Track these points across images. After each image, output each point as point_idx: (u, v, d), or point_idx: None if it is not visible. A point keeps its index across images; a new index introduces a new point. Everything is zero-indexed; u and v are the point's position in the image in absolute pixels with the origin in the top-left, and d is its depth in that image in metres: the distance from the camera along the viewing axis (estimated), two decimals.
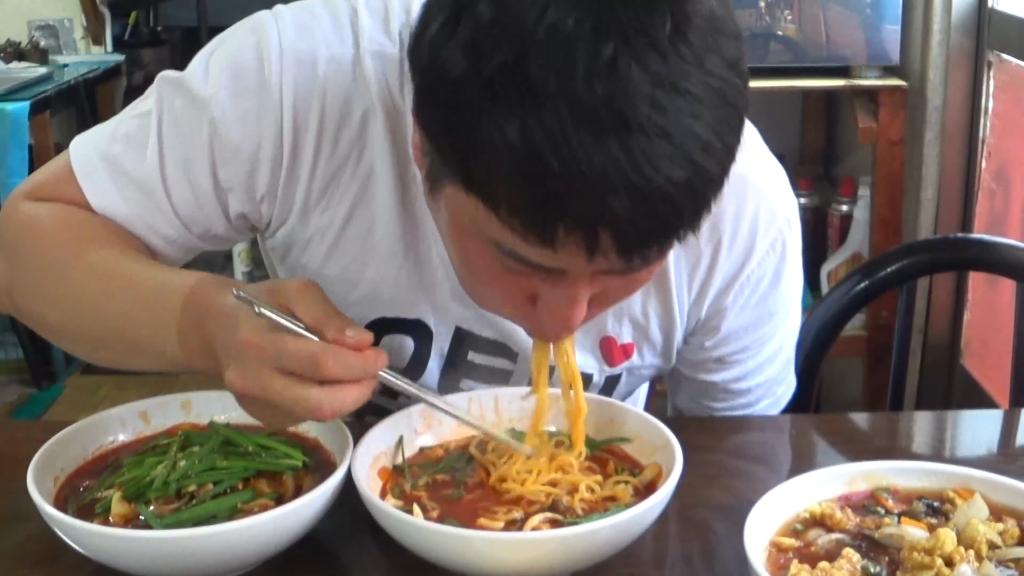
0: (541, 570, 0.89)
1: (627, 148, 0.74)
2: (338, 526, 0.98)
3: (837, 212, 2.90)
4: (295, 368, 0.83)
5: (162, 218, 1.07)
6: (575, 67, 0.73)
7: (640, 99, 0.74)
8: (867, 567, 0.87)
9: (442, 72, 0.78)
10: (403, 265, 1.09)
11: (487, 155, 0.76)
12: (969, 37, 2.54)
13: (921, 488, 0.97)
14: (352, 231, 1.08)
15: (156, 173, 1.05)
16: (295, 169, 1.04)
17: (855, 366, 2.86)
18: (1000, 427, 1.29)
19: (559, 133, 0.74)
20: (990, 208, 2.56)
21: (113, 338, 1.02)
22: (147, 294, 0.97)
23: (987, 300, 2.60)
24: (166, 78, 1.07)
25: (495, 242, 0.83)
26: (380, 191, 1.06)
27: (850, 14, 2.64)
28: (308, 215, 1.07)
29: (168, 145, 1.05)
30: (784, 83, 2.60)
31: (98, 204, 1.06)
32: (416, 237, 1.08)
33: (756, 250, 1.11)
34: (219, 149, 1.04)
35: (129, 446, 1.05)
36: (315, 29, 1.04)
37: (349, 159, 1.05)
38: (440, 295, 1.11)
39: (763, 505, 0.92)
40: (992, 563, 0.87)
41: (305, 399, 0.83)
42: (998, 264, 1.47)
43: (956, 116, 2.58)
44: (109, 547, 0.89)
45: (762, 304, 1.15)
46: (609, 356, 1.16)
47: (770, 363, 1.21)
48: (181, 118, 1.05)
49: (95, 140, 1.09)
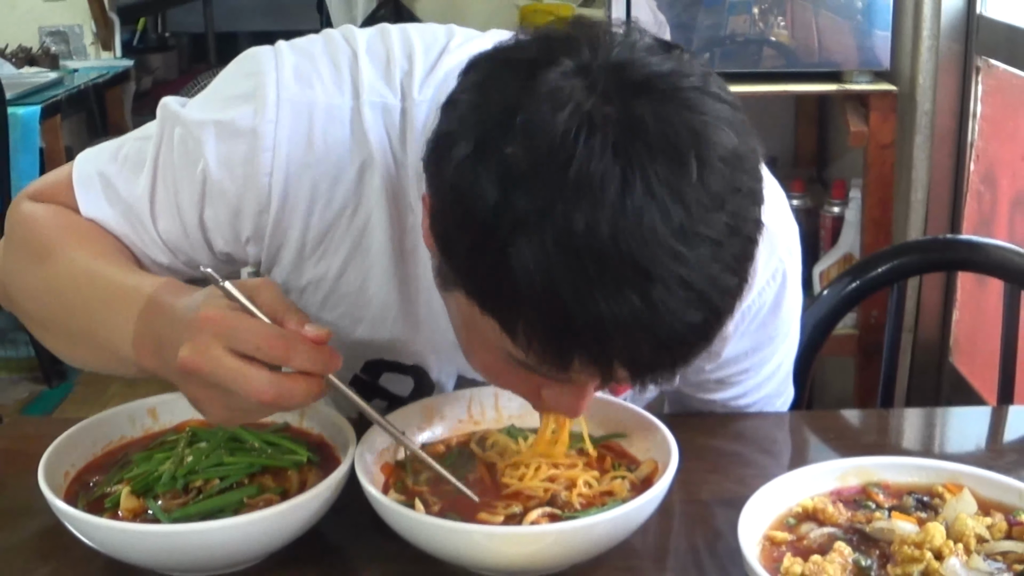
0: (540, 563, 0.89)
1: (647, 300, 0.74)
2: (342, 520, 0.97)
3: (829, 213, 2.90)
4: (249, 349, 0.81)
5: (149, 240, 1.06)
6: (600, 220, 0.72)
7: (663, 252, 0.73)
8: (858, 560, 0.87)
9: (469, 200, 0.76)
10: (399, 318, 1.07)
11: (509, 287, 0.75)
12: (958, 43, 2.54)
13: (911, 483, 0.97)
14: (347, 284, 1.06)
15: (146, 199, 1.04)
16: (284, 218, 1.02)
17: (847, 364, 2.86)
18: (988, 424, 1.29)
19: (582, 281, 0.73)
20: (978, 210, 2.56)
21: (79, 334, 1.00)
22: (112, 292, 0.95)
23: (975, 300, 2.60)
24: (168, 107, 1.05)
25: (508, 352, 0.82)
26: (375, 245, 1.04)
27: (841, 21, 2.64)
28: (302, 265, 1.05)
29: (162, 174, 1.04)
30: (777, 88, 2.60)
31: (88, 216, 1.06)
32: (412, 291, 1.06)
33: (756, 282, 1.09)
34: (208, 187, 1.02)
35: (137, 442, 1.05)
36: (314, 79, 1.01)
37: (344, 212, 1.03)
38: (440, 345, 1.08)
39: (757, 500, 0.92)
40: (980, 556, 0.87)
41: (252, 379, 0.81)
42: (986, 264, 1.47)
43: (945, 120, 2.58)
44: (118, 541, 0.89)
45: (762, 329, 1.14)
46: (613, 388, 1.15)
47: (769, 380, 1.21)
48: (177, 149, 1.03)
49: (98, 156, 1.09)
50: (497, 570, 0.90)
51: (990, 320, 2.38)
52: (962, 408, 1.89)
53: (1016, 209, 2.37)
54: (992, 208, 2.49)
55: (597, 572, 0.91)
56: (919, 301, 2.67)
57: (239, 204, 1.02)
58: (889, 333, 1.53)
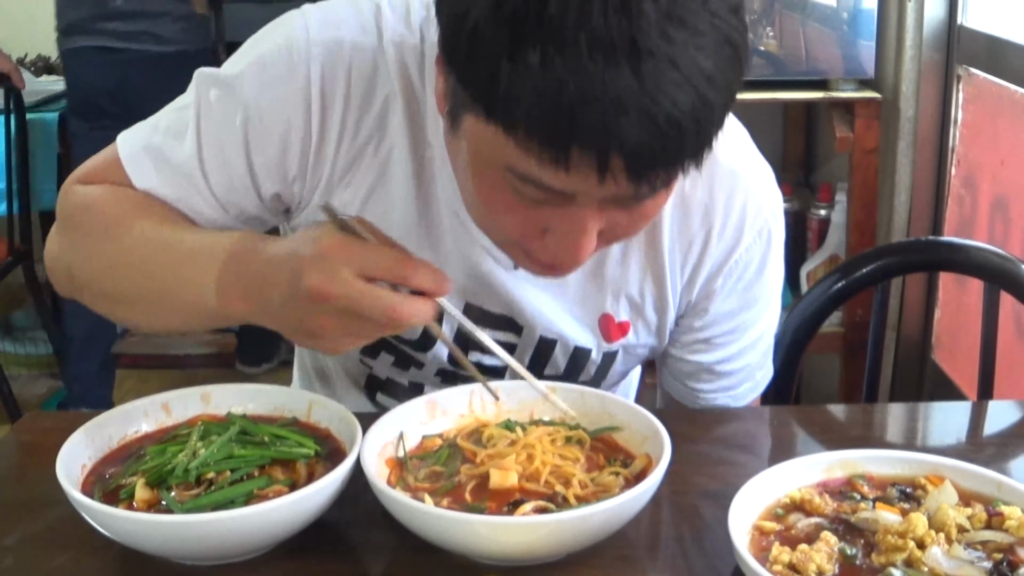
0: (538, 552, 0.89)
1: (638, 73, 0.76)
2: (348, 511, 0.98)
3: (816, 216, 2.90)
4: (376, 272, 0.83)
5: (201, 201, 1.08)
6: (592, 3, 0.76)
7: (651, 29, 0.76)
8: (844, 549, 0.87)
9: (466, 15, 0.80)
10: (418, 244, 1.09)
11: (508, 81, 0.78)
12: (939, 52, 2.54)
13: (895, 475, 0.97)
14: (371, 211, 1.08)
15: (194, 159, 1.06)
16: (323, 148, 1.05)
17: (832, 361, 2.86)
18: (968, 418, 1.29)
19: (576, 60, 0.76)
20: (959, 212, 2.56)
21: (158, 298, 1.02)
22: (190, 250, 0.97)
23: (956, 299, 2.60)
24: (203, 74, 1.08)
25: (511, 168, 0.84)
26: (398, 174, 1.07)
27: (828, 31, 2.64)
28: (331, 193, 1.08)
29: (205, 133, 1.06)
30: (766, 95, 2.60)
31: (142, 188, 1.08)
32: (430, 216, 1.09)
33: (744, 237, 1.13)
34: (252, 135, 1.05)
35: (152, 436, 1.05)
36: (340, 22, 1.06)
37: (370, 142, 1.06)
38: (450, 272, 1.10)
39: (746, 491, 0.92)
40: (961, 545, 0.87)
41: (383, 297, 0.83)
42: (966, 265, 1.47)
43: (927, 126, 2.58)
44: (133, 530, 0.89)
45: (747, 291, 1.16)
46: (607, 333, 1.17)
47: (751, 349, 1.22)
48: (216, 108, 1.06)
49: (139, 134, 1.11)
50: (497, 559, 0.90)
51: (970, 318, 2.38)
52: (943, 403, 1.89)
53: (996, 212, 2.37)
54: (972, 211, 2.49)
55: (593, 561, 0.91)
56: (902, 300, 2.67)
57: (286, 141, 1.05)
58: (873, 331, 1.53)
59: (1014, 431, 1.21)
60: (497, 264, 1.11)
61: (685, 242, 1.13)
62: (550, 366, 1.18)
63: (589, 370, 1.20)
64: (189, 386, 1.08)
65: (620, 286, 1.14)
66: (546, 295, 1.13)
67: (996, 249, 1.45)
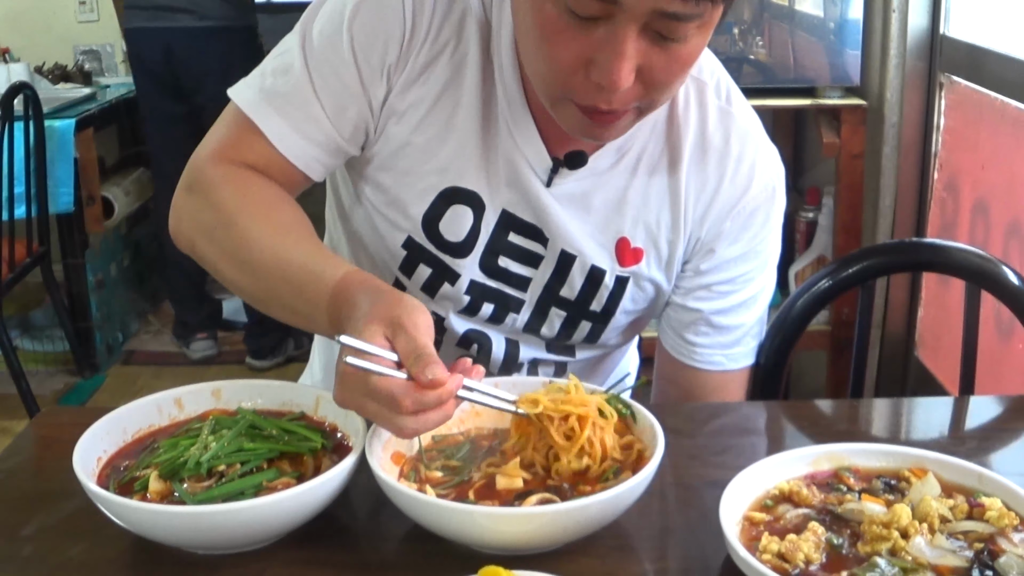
0: (537, 542, 0.89)
1: None
2: (353, 502, 0.98)
3: (804, 219, 2.90)
4: (380, 401, 0.88)
5: (316, 128, 1.13)
6: None
7: None
8: (831, 539, 0.87)
9: None
10: (476, 145, 1.15)
11: None
12: (923, 61, 2.54)
13: (879, 468, 0.97)
14: (440, 108, 1.14)
15: (306, 82, 1.12)
16: (413, 40, 1.12)
17: (820, 358, 2.87)
18: (951, 413, 1.29)
19: None
20: (941, 215, 2.56)
21: (272, 303, 1.08)
22: (300, 279, 1.02)
23: (939, 298, 2.60)
24: (304, 17, 1.15)
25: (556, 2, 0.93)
26: (468, 80, 1.14)
27: (815, 40, 2.64)
28: (409, 87, 1.14)
29: (312, 59, 1.12)
30: (756, 102, 2.56)
31: (270, 133, 1.12)
32: (488, 123, 1.15)
33: (752, 187, 1.20)
34: (358, 45, 1.11)
35: (165, 430, 1.05)
36: None
37: (447, 46, 1.13)
38: (495, 178, 1.17)
39: (737, 483, 0.92)
40: (944, 535, 0.87)
41: (390, 422, 0.89)
42: (949, 266, 1.47)
43: (911, 132, 2.59)
44: (147, 521, 0.89)
45: (752, 240, 1.22)
46: (622, 256, 1.21)
47: (746, 308, 1.25)
48: (319, 36, 1.12)
49: (250, 85, 1.15)
50: (497, 548, 0.90)
51: (952, 317, 2.38)
52: (926, 398, 1.89)
53: (977, 214, 2.37)
54: (954, 213, 2.49)
55: (590, 550, 0.91)
56: (887, 299, 2.67)
57: (386, 34, 1.11)
58: (859, 329, 1.53)
59: (994, 425, 1.21)
60: (536, 178, 1.16)
61: (701, 179, 1.19)
62: (567, 286, 1.22)
63: (602, 296, 1.22)
64: (201, 382, 1.08)
65: (640, 212, 1.19)
66: (572, 214, 1.18)
67: (977, 250, 1.45)
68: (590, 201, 1.18)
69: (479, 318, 1.24)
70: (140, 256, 4.17)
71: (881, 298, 2.65)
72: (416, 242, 1.19)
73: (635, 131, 1.15)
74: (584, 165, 1.16)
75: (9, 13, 4.26)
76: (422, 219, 1.18)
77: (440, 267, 1.20)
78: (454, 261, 1.20)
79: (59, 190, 3.33)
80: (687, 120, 1.18)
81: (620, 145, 1.17)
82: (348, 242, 1.27)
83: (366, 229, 1.22)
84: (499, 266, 1.20)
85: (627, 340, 1.35)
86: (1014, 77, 2.15)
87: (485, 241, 1.19)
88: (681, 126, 1.18)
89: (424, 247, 1.19)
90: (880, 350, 2.72)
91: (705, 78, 1.20)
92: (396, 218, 1.19)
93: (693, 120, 1.18)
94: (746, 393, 1.31)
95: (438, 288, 1.22)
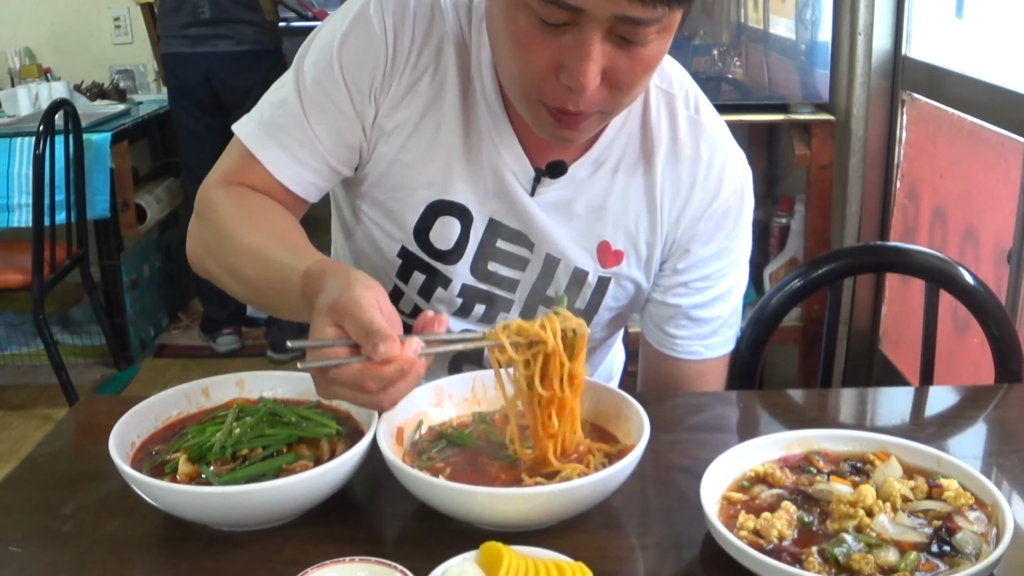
0: (533, 519, 0.89)
1: None
2: (365, 483, 0.98)
3: (777, 224, 2.90)
4: (348, 388, 0.87)
5: (310, 154, 1.12)
6: None
7: None
8: (802, 517, 0.87)
9: None
10: (460, 161, 1.14)
11: None
12: (886, 79, 2.54)
13: (846, 452, 0.97)
14: (424, 127, 1.14)
15: (300, 113, 1.12)
16: (395, 65, 1.12)
17: (792, 351, 2.87)
18: (912, 401, 1.29)
19: None
20: (903, 220, 2.56)
21: (261, 302, 1.08)
22: (275, 275, 1.01)
23: (901, 297, 2.60)
24: (298, 54, 1.15)
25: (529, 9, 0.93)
26: (448, 100, 1.13)
27: (788, 61, 2.64)
28: (394, 109, 1.13)
29: (306, 91, 1.12)
30: (733, 117, 2.59)
31: (267, 161, 1.12)
32: (471, 139, 1.14)
33: (723, 189, 1.20)
34: (347, 72, 1.10)
35: (193, 417, 1.05)
36: None
37: (427, 70, 1.12)
38: (482, 189, 1.16)
39: (716, 466, 0.92)
40: (905, 513, 0.87)
41: (366, 402, 0.88)
42: (910, 267, 1.47)
43: (875, 145, 2.59)
44: (176, 500, 0.89)
45: (725, 239, 1.22)
46: (604, 258, 1.20)
47: (722, 301, 1.25)
48: (311, 69, 1.12)
49: (251, 118, 1.16)
50: (497, 525, 0.90)
51: (913, 314, 2.39)
52: (890, 388, 1.89)
53: (935, 220, 2.37)
54: (915, 219, 2.49)
55: (582, 527, 0.91)
56: (853, 298, 2.67)
57: (373, 63, 1.11)
58: (828, 325, 1.53)
59: (951, 413, 1.21)
60: (520, 188, 1.16)
61: (675, 185, 1.19)
62: (553, 284, 1.21)
63: (585, 294, 1.22)
64: (226, 373, 1.08)
65: (619, 217, 1.19)
66: (556, 221, 1.18)
67: (936, 253, 1.45)
68: (572, 208, 1.17)
69: (472, 318, 1.23)
70: (171, 258, 4.17)
71: (848, 296, 2.65)
72: (410, 251, 1.19)
73: (612, 142, 1.15)
74: (564, 174, 1.15)
75: (51, 36, 4.26)
76: (413, 230, 1.17)
77: (433, 273, 1.20)
78: (446, 267, 1.19)
79: (96, 198, 3.33)
80: (659, 130, 1.18)
81: (598, 156, 1.16)
82: (352, 256, 1.26)
83: (366, 242, 1.22)
84: (488, 270, 1.20)
85: (612, 334, 1.34)
86: (969, 95, 2.15)
87: (475, 248, 1.19)
88: (654, 136, 1.17)
89: (417, 255, 1.19)
90: (847, 344, 2.72)
91: (675, 90, 1.19)
92: (391, 229, 1.18)
93: (665, 130, 1.18)
94: (725, 379, 1.31)
95: (433, 292, 1.21)
